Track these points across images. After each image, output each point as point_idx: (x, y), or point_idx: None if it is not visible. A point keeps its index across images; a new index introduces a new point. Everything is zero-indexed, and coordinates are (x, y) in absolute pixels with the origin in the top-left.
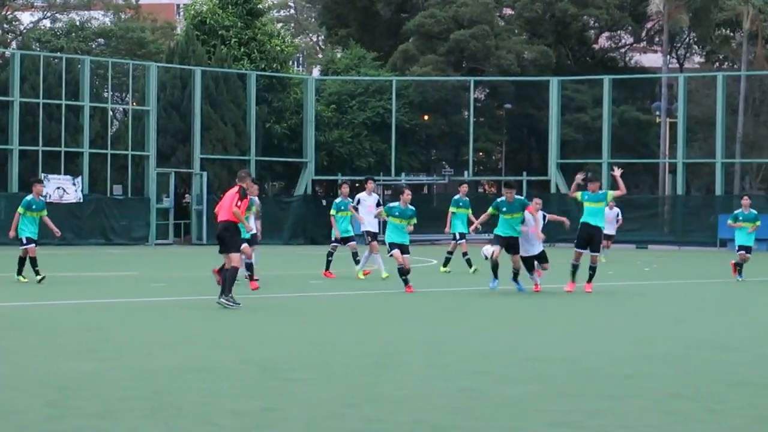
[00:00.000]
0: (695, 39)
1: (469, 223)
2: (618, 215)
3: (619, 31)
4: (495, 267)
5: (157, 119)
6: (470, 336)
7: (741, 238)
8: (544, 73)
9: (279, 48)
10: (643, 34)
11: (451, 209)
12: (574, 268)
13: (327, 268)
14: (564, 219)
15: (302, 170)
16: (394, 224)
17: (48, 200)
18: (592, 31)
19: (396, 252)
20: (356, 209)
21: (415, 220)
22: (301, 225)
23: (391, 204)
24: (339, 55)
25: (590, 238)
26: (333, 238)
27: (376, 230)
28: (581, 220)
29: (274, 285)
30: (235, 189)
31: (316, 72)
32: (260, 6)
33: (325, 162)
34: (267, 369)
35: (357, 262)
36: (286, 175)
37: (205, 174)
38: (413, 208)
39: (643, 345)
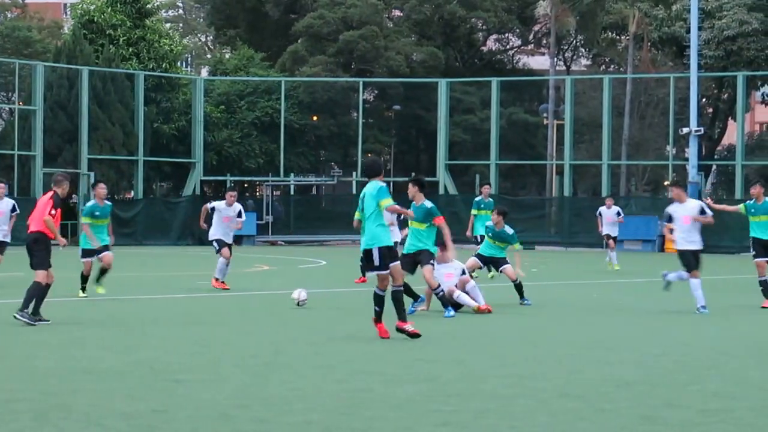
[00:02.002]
0: (582, 42)
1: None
2: (619, 213)
3: (506, 34)
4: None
5: (44, 119)
6: (357, 337)
7: None
8: (432, 75)
9: (168, 48)
10: (531, 36)
11: (473, 212)
12: (764, 285)
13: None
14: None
15: (190, 171)
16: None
17: None
18: (480, 34)
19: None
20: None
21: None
22: (189, 226)
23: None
24: (228, 56)
25: (765, 250)
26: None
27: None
28: (751, 235)
29: (162, 286)
30: (49, 195)
31: (204, 72)
32: (149, 6)
33: (214, 162)
34: (156, 370)
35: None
36: (174, 175)
37: (92, 174)
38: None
39: (531, 345)
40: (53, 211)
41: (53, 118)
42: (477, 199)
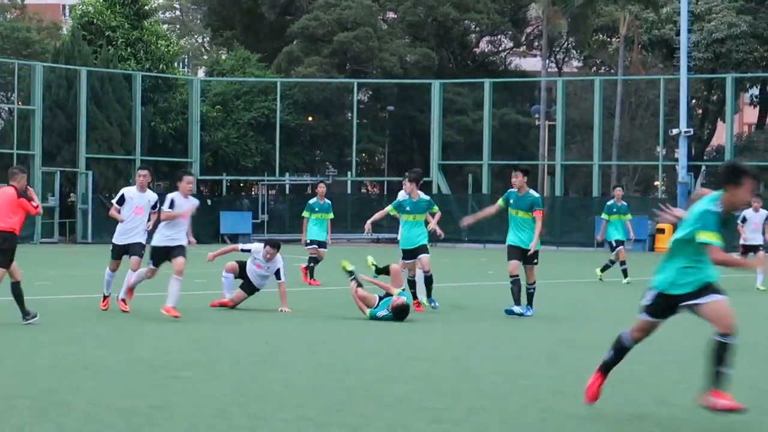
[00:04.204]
0: (573, 44)
1: (624, 231)
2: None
3: (499, 36)
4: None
5: (43, 119)
6: (351, 336)
7: None
8: (426, 76)
9: (165, 49)
10: (523, 38)
11: (605, 216)
12: None
13: (311, 276)
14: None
15: (187, 170)
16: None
17: None
18: (473, 35)
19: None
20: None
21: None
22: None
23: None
24: (224, 57)
25: None
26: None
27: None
28: None
29: (160, 284)
30: (12, 191)
31: (201, 73)
32: (147, 7)
33: (210, 162)
34: (154, 367)
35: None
36: (171, 175)
37: (90, 173)
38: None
39: (523, 344)
40: (35, 202)
41: (52, 117)
42: (609, 203)
